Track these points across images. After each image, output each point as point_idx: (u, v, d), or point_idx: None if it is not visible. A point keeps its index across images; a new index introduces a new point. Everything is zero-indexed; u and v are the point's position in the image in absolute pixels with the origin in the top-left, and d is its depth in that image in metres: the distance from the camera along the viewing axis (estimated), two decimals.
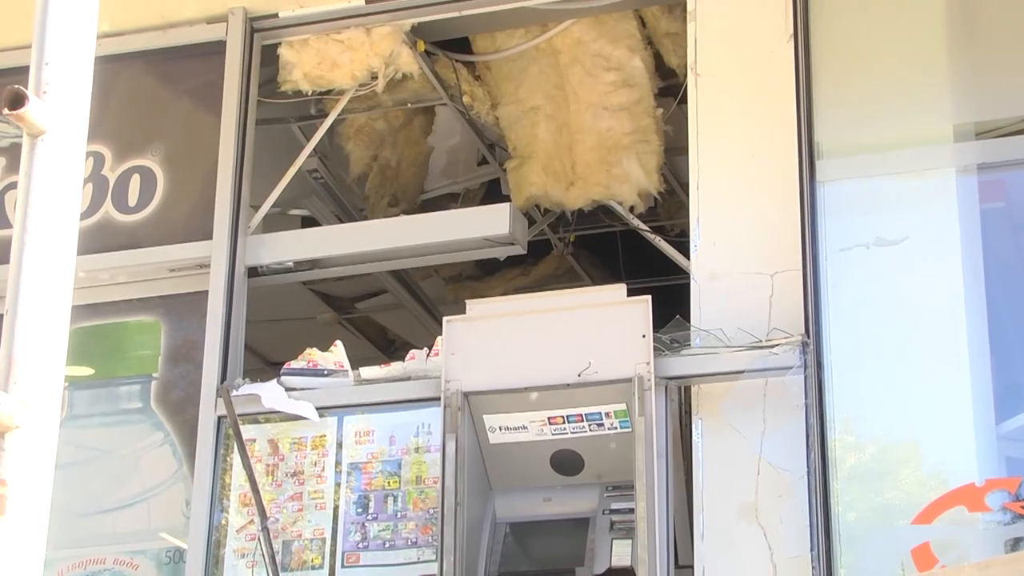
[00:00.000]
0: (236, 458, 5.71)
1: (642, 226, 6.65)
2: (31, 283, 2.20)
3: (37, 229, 2.23)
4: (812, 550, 5.00)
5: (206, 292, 6.04)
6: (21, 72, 6.46)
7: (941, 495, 5.08)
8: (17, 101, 2.23)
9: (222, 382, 5.84)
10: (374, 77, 6.38)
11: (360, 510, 5.59)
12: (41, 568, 2.12)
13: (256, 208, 6.29)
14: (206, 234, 6.11)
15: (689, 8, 5.81)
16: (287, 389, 5.76)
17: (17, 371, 2.15)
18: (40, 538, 2.11)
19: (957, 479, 5.09)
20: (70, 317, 2.28)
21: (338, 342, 5.95)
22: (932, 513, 5.05)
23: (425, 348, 5.74)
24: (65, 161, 2.28)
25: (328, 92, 6.53)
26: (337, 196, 7.44)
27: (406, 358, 5.78)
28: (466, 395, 5.37)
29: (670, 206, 7.11)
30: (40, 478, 2.14)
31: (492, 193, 7.59)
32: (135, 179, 6.31)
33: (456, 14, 6.22)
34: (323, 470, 5.68)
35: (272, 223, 6.56)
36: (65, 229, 2.25)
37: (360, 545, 5.55)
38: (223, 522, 5.73)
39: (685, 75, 5.89)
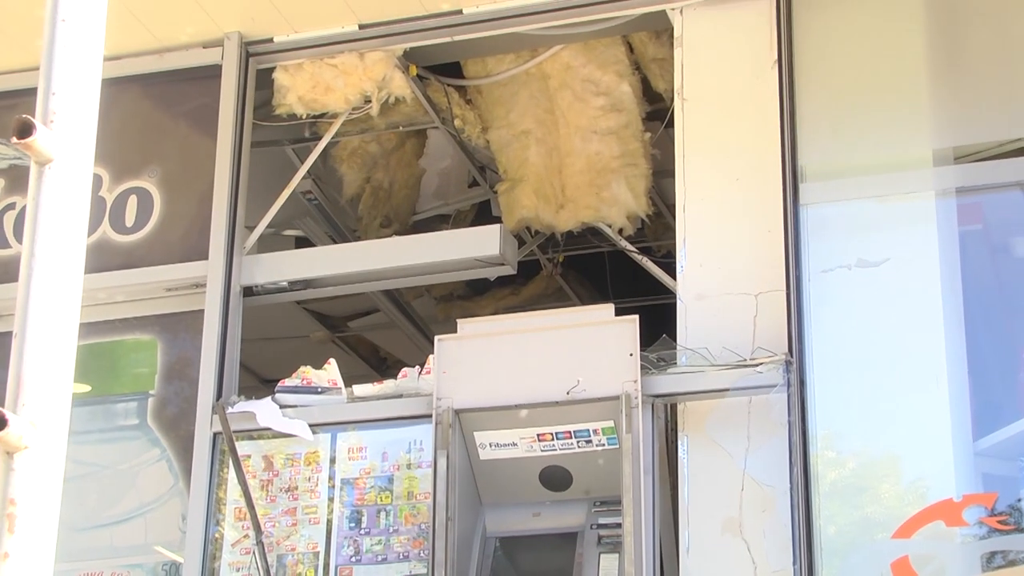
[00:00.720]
0: (231, 473, 5.72)
1: (630, 247, 6.67)
2: (39, 307, 2.22)
3: (45, 255, 2.24)
4: (795, 564, 5.02)
5: (202, 311, 6.04)
6: (19, 95, 6.50)
7: (920, 510, 5.10)
8: (25, 130, 2.25)
9: (218, 399, 5.85)
10: (367, 101, 6.39)
11: (353, 524, 5.60)
12: None
13: (251, 229, 6.30)
14: (202, 254, 6.12)
15: (676, 34, 5.85)
16: (281, 406, 5.77)
17: (25, 393, 2.17)
18: (48, 556, 2.13)
19: (935, 494, 5.11)
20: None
21: (332, 360, 5.96)
22: (911, 527, 5.07)
23: (417, 366, 5.75)
24: (72, 188, 2.29)
25: (322, 115, 6.55)
26: (331, 217, 7.45)
27: (398, 376, 5.79)
28: (457, 412, 5.38)
29: (657, 227, 7.13)
30: (48, 497, 2.16)
31: (483, 214, 7.60)
32: (132, 200, 6.32)
33: (448, 39, 6.24)
34: (316, 485, 5.68)
35: (267, 243, 6.57)
36: (72, 254, 2.27)
37: (353, 559, 5.56)
38: (218, 536, 5.73)
39: (672, 100, 5.92)
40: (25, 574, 2.09)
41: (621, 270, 7.57)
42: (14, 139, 2.24)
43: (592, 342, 5.37)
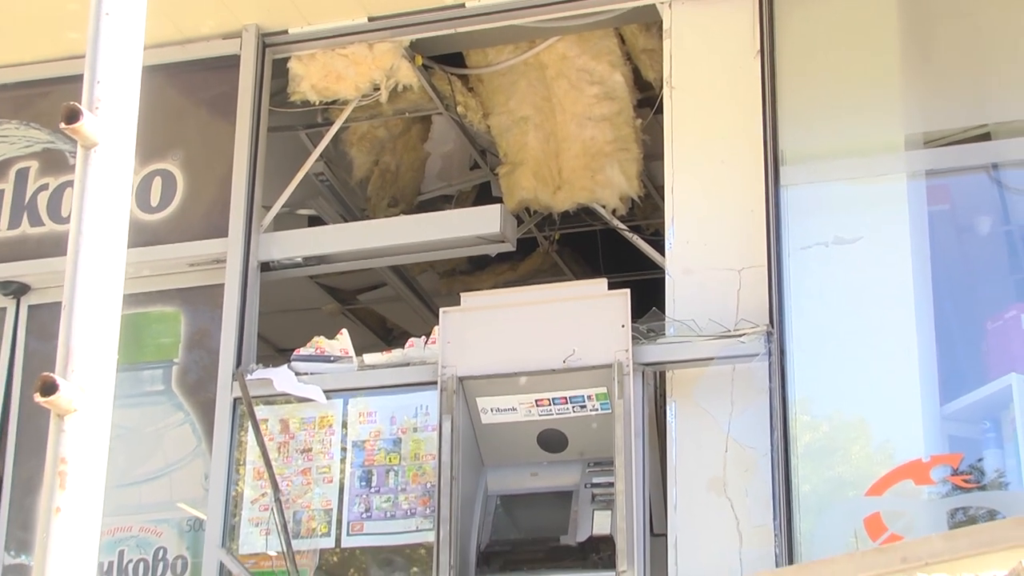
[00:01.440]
0: (250, 436, 5.73)
1: (621, 226, 6.66)
2: (85, 281, 2.23)
3: (91, 232, 2.26)
4: (774, 520, 5.05)
5: (222, 285, 6.05)
6: (51, 83, 6.49)
7: (892, 469, 5.13)
8: (73, 116, 2.26)
9: (237, 367, 5.86)
10: (376, 88, 6.39)
11: (363, 483, 5.61)
12: (98, 536, 2.16)
13: (268, 208, 6.30)
14: (222, 232, 6.12)
15: (665, 26, 5.85)
16: (297, 374, 5.78)
17: (74, 360, 2.19)
18: (97, 510, 2.15)
19: (904, 455, 5.14)
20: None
21: (344, 330, 5.97)
22: (883, 486, 5.10)
23: (423, 336, 5.76)
24: (115, 170, 2.31)
25: (334, 102, 6.54)
26: (341, 197, 7.45)
27: (406, 345, 5.80)
28: (461, 379, 5.40)
29: (646, 207, 7.13)
30: (96, 456, 2.18)
31: (483, 195, 7.58)
32: (157, 181, 6.32)
33: (451, 31, 6.24)
34: (329, 447, 5.70)
35: (282, 222, 6.56)
36: (116, 232, 2.28)
37: (364, 515, 5.58)
38: (238, 494, 5.75)
39: (661, 88, 5.91)
40: (76, 527, 2.11)
41: (613, 247, 7.57)
42: (62, 124, 2.25)
43: (586, 314, 5.38)
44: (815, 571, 2.89)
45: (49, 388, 2.13)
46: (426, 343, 5.70)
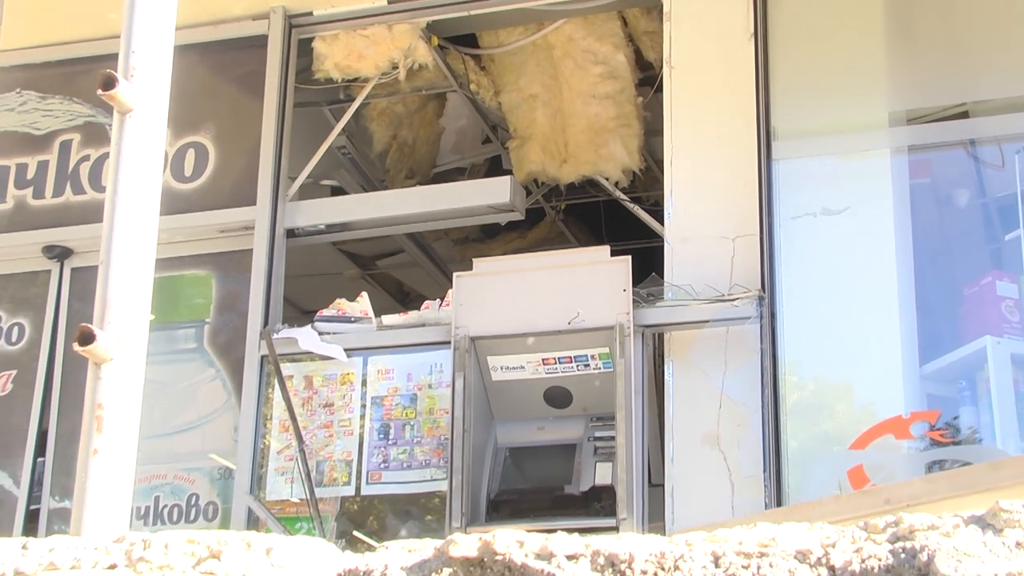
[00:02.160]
0: (276, 391, 5.73)
1: (623, 197, 6.65)
2: (121, 239, 2.22)
3: (126, 192, 2.25)
4: (764, 471, 5.05)
5: (251, 250, 6.04)
6: (93, 61, 6.44)
7: (874, 425, 5.13)
8: (109, 83, 2.25)
9: (265, 327, 5.85)
10: (395, 67, 6.36)
11: (382, 436, 5.62)
12: (132, 476, 2.16)
13: (293, 179, 6.29)
14: (250, 201, 6.10)
15: (665, 10, 5.81)
16: (320, 333, 5.78)
17: (111, 313, 2.18)
18: (131, 452, 2.15)
19: (885, 412, 5.14)
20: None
21: (364, 293, 5.96)
22: (866, 440, 5.10)
23: (437, 299, 5.76)
24: (149, 134, 2.29)
25: (355, 80, 6.52)
26: (362, 169, 7.43)
27: (421, 308, 5.79)
28: (473, 339, 5.39)
29: (647, 180, 7.10)
30: (130, 402, 2.18)
31: (494, 167, 7.57)
32: (190, 153, 6.30)
33: (465, 13, 6.21)
34: (350, 402, 5.70)
35: (307, 192, 6.55)
36: (149, 192, 2.27)
37: (381, 466, 5.58)
38: (265, 445, 5.76)
39: (661, 68, 5.89)
40: (112, 468, 2.10)
41: (615, 217, 7.55)
42: (99, 91, 2.23)
43: (590, 279, 5.37)
44: (803, 512, 2.88)
45: (87, 338, 2.13)
46: (440, 305, 5.69)
